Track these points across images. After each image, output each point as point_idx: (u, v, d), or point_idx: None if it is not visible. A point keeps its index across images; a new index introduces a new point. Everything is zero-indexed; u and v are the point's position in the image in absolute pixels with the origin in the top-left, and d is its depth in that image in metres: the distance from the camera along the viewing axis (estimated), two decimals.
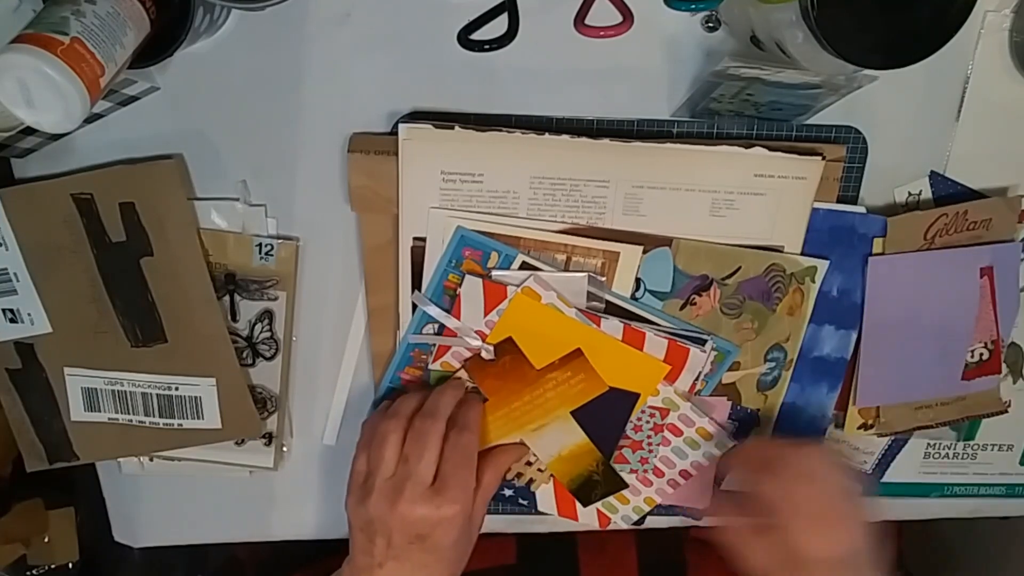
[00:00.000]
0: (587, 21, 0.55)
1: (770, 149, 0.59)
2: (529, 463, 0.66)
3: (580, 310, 0.61)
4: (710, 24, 0.59)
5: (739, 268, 0.62)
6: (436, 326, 0.63)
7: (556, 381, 0.62)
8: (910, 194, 0.65)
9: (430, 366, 0.64)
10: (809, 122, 0.62)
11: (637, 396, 0.63)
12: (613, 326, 0.61)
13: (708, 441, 0.65)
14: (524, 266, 0.61)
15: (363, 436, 0.62)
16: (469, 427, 0.60)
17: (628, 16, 0.55)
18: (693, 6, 0.55)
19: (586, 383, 0.62)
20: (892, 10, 0.48)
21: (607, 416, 0.64)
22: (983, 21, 0.60)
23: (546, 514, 0.69)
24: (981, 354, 0.68)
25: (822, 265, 0.63)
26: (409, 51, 0.59)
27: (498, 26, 0.57)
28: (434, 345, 0.63)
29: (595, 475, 0.66)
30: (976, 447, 0.74)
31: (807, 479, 0.56)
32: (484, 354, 0.61)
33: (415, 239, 0.61)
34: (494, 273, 0.61)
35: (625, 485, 0.66)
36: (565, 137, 0.58)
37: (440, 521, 0.57)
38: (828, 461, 0.58)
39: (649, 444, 0.66)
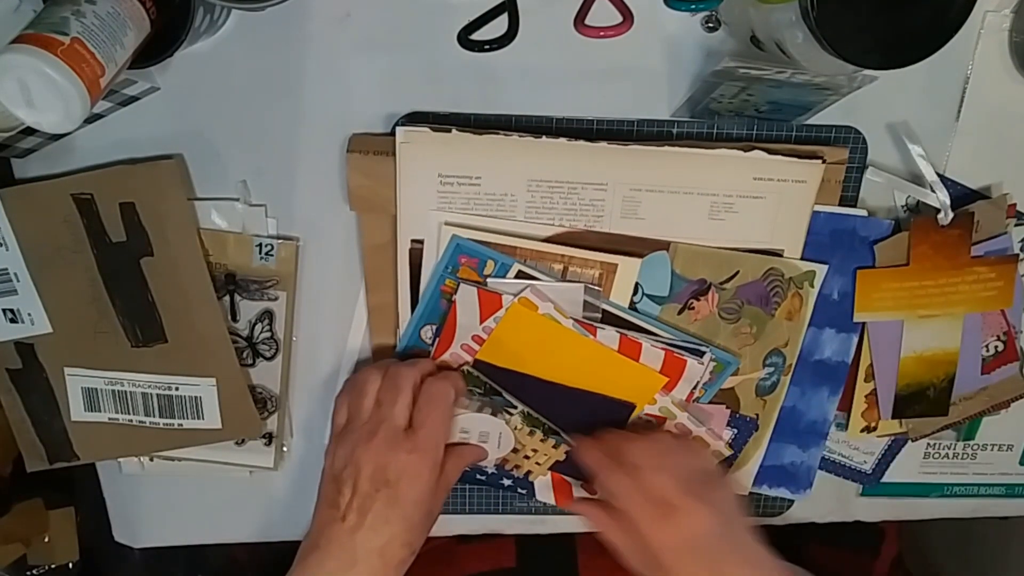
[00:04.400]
0: (587, 21, 0.55)
1: (770, 152, 0.59)
2: (527, 456, 0.66)
3: (576, 320, 0.61)
4: (710, 24, 0.59)
5: (737, 272, 0.62)
6: (433, 328, 0.63)
7: (977, 277, 0.62)
8: (910, 195, 0.65)
9: None
10: (809, 122, 0.62)
11: (633, 406, 0.63)
12: (609, 336, 0.61)
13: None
14: (520, 275, 0.60)
15: (343, 389, 0.62)
16: (447, 376, 0.60)
17: (628, 16, 0.55)
18: (693, 6, 0.55)
19: (999, 292, 0.62)
20: (892, 10, 0.48)
21: (603, 425, 0.64)
22: (983, 21, 0.60)
23: (544, 504, 0.70)
24: (996, 347, 0.68)
25: (820, 270, 0.63)
26: (409, 51, 0.59)
27: (498, 26, 0.57)
28: (432, 344, 0.63)
29: (931, 391, 0.64)
30: (976, 447, 0.74)
31: (648, 469, 0.57)
32: (940, 217, 0.60)
33: (413, 241, 0.61)
34: (490, 282, 0.61)
35: (945, 413, 0.65)
36: (562, 140, 0.58)
37: (407, 466, 0.56)
38: (668, 447, 0.59)
39: None
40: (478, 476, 0.69)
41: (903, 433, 0.70)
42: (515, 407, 0.64)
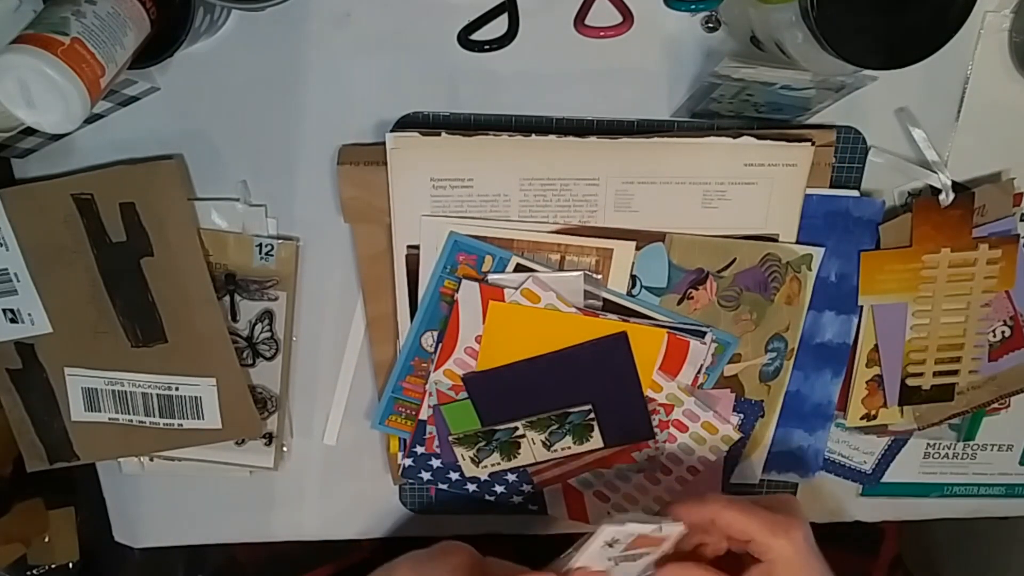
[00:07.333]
0: (587, 21, 0.55)
1: (759, 138, 0.59)
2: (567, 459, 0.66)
3: (579, 308, 0.61)
4: (710, 24, 0.59)
5: (734, 260, 0.62)
6: (434, 334, 0.63)
7: (979, 257, 0.63)
8: (910, 194, 0.65)
9: (432, 375, 0.64)
10: (809, 122, 0.62)
11: (641, 390, 0.64)
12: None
13: (714, 435, 0.65)
14: (519, 268, 0.61)
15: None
16: None
17: (628, 16, 0.55)
18: (693, 6, 0.55)
19: (1002, 273, 0.64)
20: (892, 10, 0.48)
21: (625, 414, 0.64)
22: (983, 21, 0.60)
23: (544, 504, 0.70)
24: (1003, 332, 0.68)
25: (817, 252, 0.63)
26: (409, 51, 0.59)
27: (498, 26, 0.57)
28: (435, 351, 0.63)
29: (937, 377, 0.65)
30: (976, 447, 0.74)
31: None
32: (942, 198, 0.62)
33: (409, 247, 0.61)
34: (490, 277, 0.61)
35: (951, 400, 0.67)
36: (552, 137, 0.58)
37: None
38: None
39: (655, 442, 0.66)
40: (486, 497, 0.69)
41: (904, 425, 0.69)
42: (516, 427, 0.64)
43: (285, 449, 0.71)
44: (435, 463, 0.67)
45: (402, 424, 0.67)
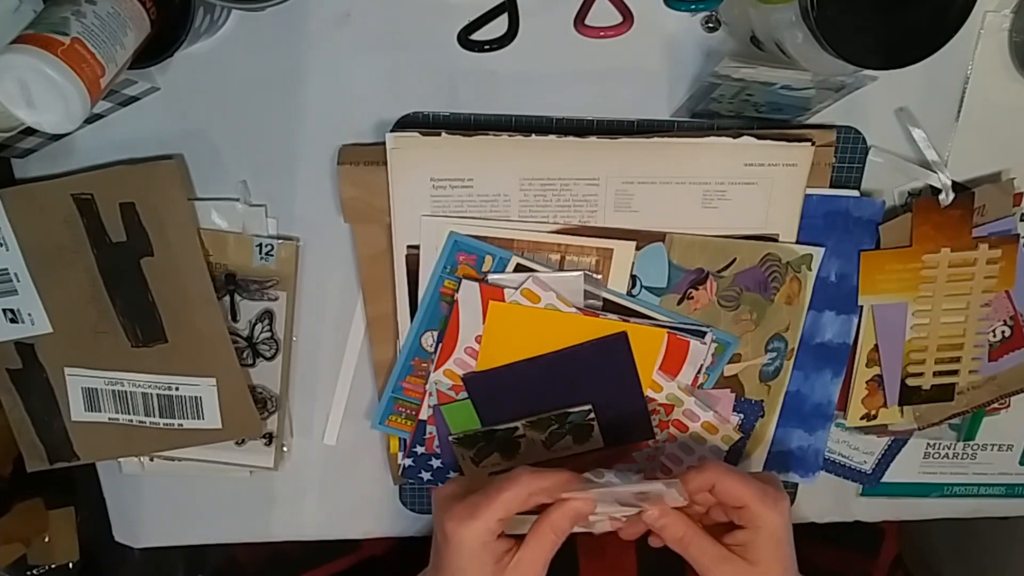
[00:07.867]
0: (587, 21, 0.55)
1: (759, 138, 0.59)
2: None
3: (579, 308, 0.61)
4: (710, 24, 0.59)
5: (734, 260, 0.62)
6: (434, 334, 0.63)
7: (979, 257, 0.63)
8: (910, 194, 0.65)
9: (432, 375, 0.64)
10: (809, 122, 0.62)
11: (641, 390, 0.64)
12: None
13: (714, 435, 0.65)
14: (519, 268, 0.61)
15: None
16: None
17: (628, 16, 0.55)
18: (693, 6, 0.55)
19: (1002, 273, 0.64)
20: (892, 10, 0.48)
21: (625, 414, 0.64)
22: (983, 21, 0.60)
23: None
24: (1003, 331, 0.68)
25: (817, 252, 0.63)
26: (409, 51, 0.59)
27: (498, 26, 0.57)
28: (435, 351, 0.63)
29: (937, 376, 0.66)
30: (976, 447, 0.74)
31: (782, 540, 0.57)
32: (942, 198, 0.62)
33: (409, 247, 0.61)
34: (490, 277, 0.61)
35: (951, 399, 0.68)
36: (552, 137, 0.58)
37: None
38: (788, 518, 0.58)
39: (656, 441, 0.66)
40: None
41: (904, 425, 0.69)
42: (516, 427, 0.64)
43: (285, 449, 0.71)
44: (435, 463, 0.67)
45: (402, 424, 0.67)
